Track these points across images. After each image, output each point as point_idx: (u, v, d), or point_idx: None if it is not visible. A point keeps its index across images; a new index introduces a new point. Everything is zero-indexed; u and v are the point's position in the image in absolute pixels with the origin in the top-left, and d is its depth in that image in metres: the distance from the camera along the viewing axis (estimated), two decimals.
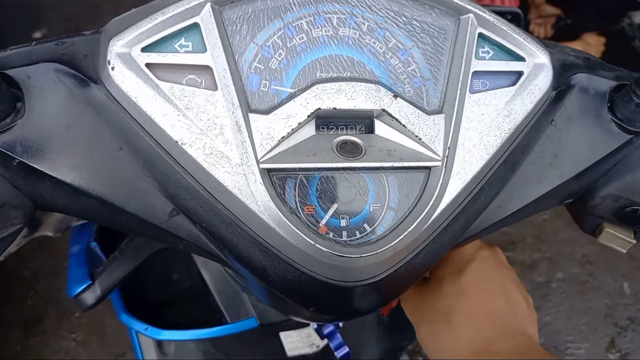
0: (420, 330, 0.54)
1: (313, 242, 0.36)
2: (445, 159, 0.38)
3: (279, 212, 0.35)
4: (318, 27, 0.40)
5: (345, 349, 0.80)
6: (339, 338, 0.82)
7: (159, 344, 0.86)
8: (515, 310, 0.53)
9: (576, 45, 2.52)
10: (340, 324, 0.88)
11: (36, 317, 1.87)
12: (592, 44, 2.51)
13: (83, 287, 0.61)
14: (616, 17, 2.46)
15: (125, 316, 0.72)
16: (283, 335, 0.87)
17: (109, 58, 0.36)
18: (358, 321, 0.99)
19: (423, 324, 0.54)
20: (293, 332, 0.88)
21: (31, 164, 0.35)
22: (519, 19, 0.72)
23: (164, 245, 0.63)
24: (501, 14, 0.68)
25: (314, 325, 0.77)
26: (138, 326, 0.71)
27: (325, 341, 0.83)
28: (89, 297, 0.61)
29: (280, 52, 0.39)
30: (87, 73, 0.37)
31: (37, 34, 2.69)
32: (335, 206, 0.38)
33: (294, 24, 0.40)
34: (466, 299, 0.52)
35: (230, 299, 0.73)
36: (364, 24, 0.41)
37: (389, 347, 1.31)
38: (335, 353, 0.79)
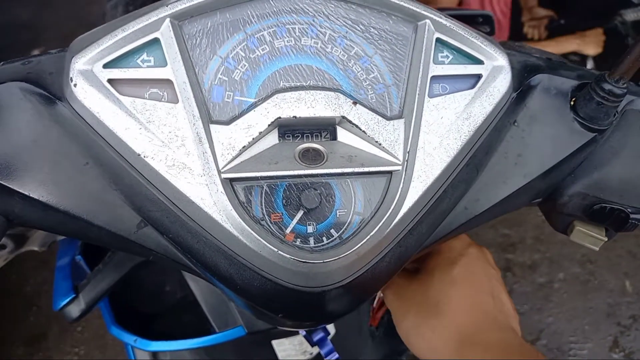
0: (404, 324, 0.53)
1: (276, 250, 0.36)
2: (406, 163, 0.39)
3: (241, 221, 0.36)
4: (280, 38, 0.41)
5: (335, 355, 0.80)
6: (329, 345, 0.82)
7: (155, 357, 0.86)
8: (502, 307, 0.54)
9: (573, 39, 2.51)
10: (331, 332, 0.88)
11: (39, 333, 1.88)
12: (589, 35, 2.51)
13: (67, 300, 0.62)
14: (608, 15, 2.47)
15: (114, 329, 0.73)
16: (275, 343, 0.87)
17: (71, 75, 0.37)
18: (352, 328, 0.99)
19: (410, 316, 0.53)
20: (285, 340, 0.88)
21: (0, 182, 0.36)
22: (491, 22, 0.73)
23: (146, 257, 0.64)
24: (472, 17, 0.70)
25: (302, 332, 0.77)
26: (127, 338, 0.72)
27: (318, 349, 0.83)
28: (74, 310, 0.62)
29: (243, 64, 0.40)
30: (52, 91, 0.38)
31: (36, 52, 2.72)
32: (300, 213, 0.39)
33: (256, 36, 0.41)
34: (457, 288, 0.52)
35: (218, 308, 0.73)
36: (326, 34, 0.42)
37: (387, 352, 1.30)
38: (326, 359, 0.79)
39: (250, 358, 0.89)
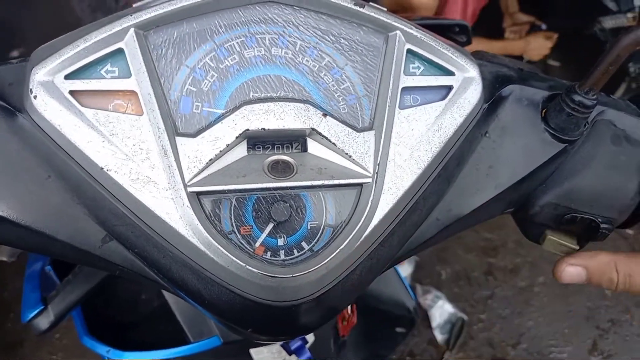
0: None
1: (244, 264, 0.36)
2: (376, 175, 0.39)
3: (208, 235, 0.35)
4: (250, 48, 0.41)
5: None
6: (307, 353, 0.81)
7: None
8: None
9: (520, 42, 2.58)
10: (309, 340, 0.88)
11: (16, 340, 1.84)
12: (535, 39, 2.58)
13: (36, 312, 0.60)
14: (585, 19, 2.52)
15: (87, 339, 0.71)
16: (253, 352, 0.86)
17: (31, 87, 0.36)
18: (330, 335, 0.98)
19: None
20: (264, 349, 0.87)
21: None
22: (467, 32, 0.74)
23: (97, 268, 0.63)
24: (449, 26, 0.70)
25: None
26: (100, 349, 0.70)
27: (296, 357, 0.83)
28: (42, 322, 0.61)
29: (212, 74, 0.40)
30: (11, 102, 0.37)
31: (15, 53, 2.68)
32: (270, 226, 0.38)
33: (225, 45, 0.40)
34: None
35: (193, 318, 0.72)
36: (296, 44, 0.42)
37: (368, 356, 1.30)
38: None
39: None
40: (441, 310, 1.93)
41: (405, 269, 1.95)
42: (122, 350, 0.70)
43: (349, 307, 0.69)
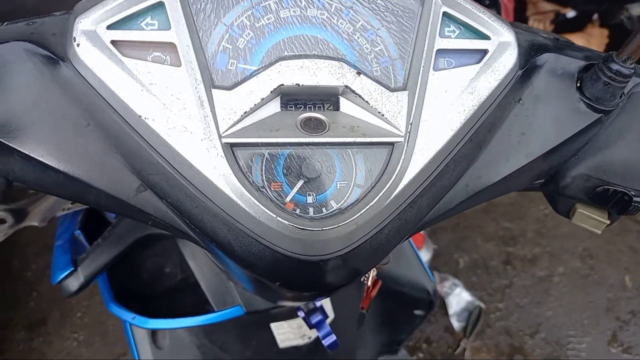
0: None
1: (275, 216, 0.36)
2: (408, 134, 0.39)
3: (241, 186, 0.36)
4: (286, 8, 0.41)
5: (333, 337, 0.80)
6: (327, 327, 0.82)
7: (153, 338, 0.86)
8: None
9: (578, 37, 2.51)
10: (330, 316, 0.88)
11: (39, 318, 1.89)
12: (594, 36, 2.50)
13: (66, 273, 0.62)
14: (614, 10, 2.45)
15: (113, 306, 0.73)
16: (274, 326, 0.87)
17: (74, 35, 0.36)
18: (350, 314, 0.99)
19: None
20: (284, 323, 0.88)
21: (0, 140, 0.36)
22: (497, 4, 0.72)
23: (147, 232, 0.64)
24: None
25: (301, 314, 0.77)
26: (126, 315, 0.72)
27: (317, 333, 0.84)
28: (72, 284, 0.62)
29: (248, 32, 0.40)
30: (55, 51, 0.38)
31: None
32: (300, 183, 0.38)
33: (262, 4, 0.41)
34: None
35: (217, 287, 0.73)
36: (332, 5, 0.42)
37: (386, 341, 1.31)
38: (323, 341, 0.79)
39: (248, 340, 0.90)
40: (458, 298, 1.92)
41: (423, 256, 1.94)
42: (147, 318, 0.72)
43: (370, 277, 0.69)
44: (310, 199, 0.39)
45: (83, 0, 0.40)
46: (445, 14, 0.42)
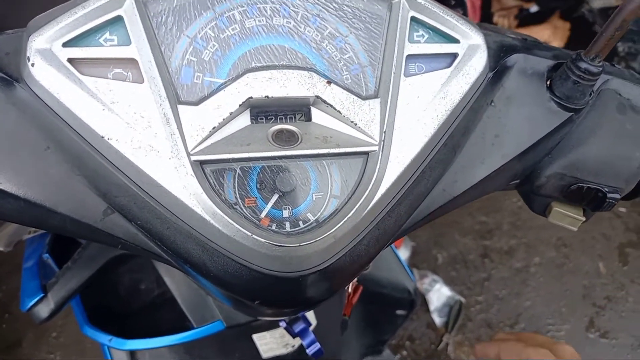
0: None
1: (250, 234, 0.35)
2: (382, 143, 0.38)
3: (212, 205, 0.35)
4: (251, 17, 0.40)
5: (317, 346, 0.79)
6: (310, 335, 0.81)
7: (132, 356, 0.84)
8: None
9: (544, 28, 2.56)
10: (312, 324, 0.87)
11: (14, 340, 1.82)
12: (559, 27, 2.56)
13: (35, 299, 0.59)
14: (578, 2, 2.52)
15: (88, 329, 0.70)
16: (256, 337, 0.86)
17: (28, 54, 0.34)
18: (333, 319, 0.98)
19: None
20: (266, 334, 0.87)
21: None
22: (463, 4, 0.73)
23: (118, 253, 0.62)
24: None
25: (283, 324, 0.76)
26: (102, 338, 0.69)
27: (300, 340, 0.83)
28: (43, 310, 0.60)
29: (213, 44, 0.39)
30: (8, 72, 0.36)
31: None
32: (275, 197, 0.37)
33: (226, 15, 0.39)
34: None
35: (195, 303, 0.72)
36: (298, 13, 0.41)
37: (369, 343, 1.31)
38: (307, 350, 0.78)
39: (231, 353, 0.88)
40: (439, 294, 1.94)
41: (402, 254, 1.95)
42: (125, 339, 0.70)
43: (351, 284, 0.68)
44: (286, 213, 0.37)
45: (37, 17, 0.38)
46: (413, 18, 0.41)
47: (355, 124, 0.38)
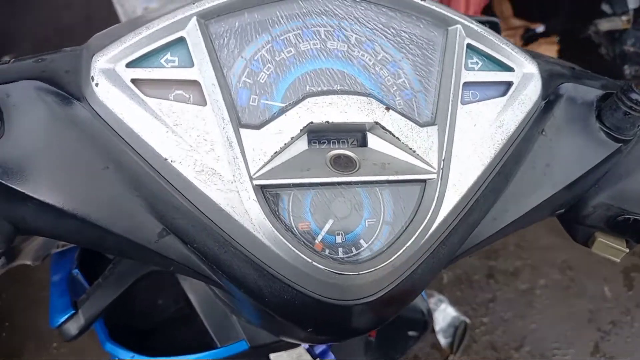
0: None
1: (310, 260, 0.34)
2: (441, 171, 0.38)
3: (274, 230, 0.34)
4: (306, 41, 0.40)
5: None
6: (331, 356, 0.80)
7: None
8: None
9: (536, 47, 2.60)
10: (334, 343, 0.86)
11: (14, 350, 1.79)
12: (544, 48, 2.59)
13: (66, 316, 0.58)
14: (583, 22, 2.55)
15: (110, 345, 0.69)
16: (273, 356, 0.85)
17: (92, 74, 0.34)
18: (355, 341, 0.97)
19: None
20: (284, 353, 0.86)
21: (12, 186, 0.34)
22: (497, 29, 0.73)
23: (149, 270, 0.61)
24: (480, 23, 0.69)
25: (305, 345, 0.75)
26: (124, 355, 0.68)
27: None
28: (73, 327, 0.58)
29: (268, 66, 0.39)
30: (69, 90, 0.36)
31: (6, 58, 2.63)
32: (330, 222, 0.37)
33: (281, 38, 0.39)
34: None
35: (219, 321, 0.70)
36: (352, 37, 0.41)
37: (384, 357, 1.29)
38: None
39: None
40: (444, 314, 1.92)
41: None
42: (146, 356, 0.68)
43: None
44: (339, 239, 0.37)
45: (96, 35, 0.38)
46: (469, 45, 0.41)
47: (414, 151, 0.38)
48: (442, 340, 1.87)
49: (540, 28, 2.80)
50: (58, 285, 0.62)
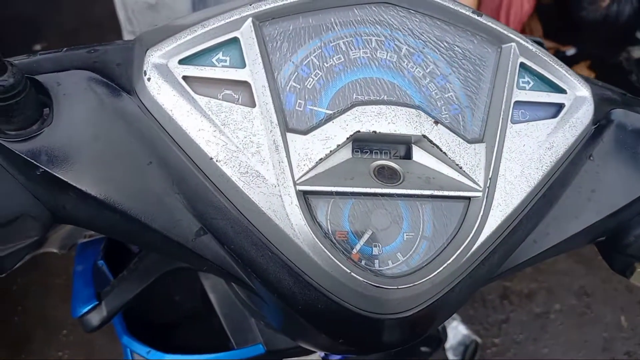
0: None
1: (349, 271, 0.34)
2: (487, 189, 0.37)
3: (314, 237, 0.34)
4: (356, 49, 0.39)
5: None
6: None
7: None
8: None
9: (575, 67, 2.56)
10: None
11: (24, 335, 1.80)
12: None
13: (89, 307, 0.58)
14: (616, 49, 2.51)
15: (127, 338, 0.69)
16: None
17: (145, 68, 0.34)
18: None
19: None
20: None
21: (56, 174, 0.33)
22: (543, 48, 0.72)
23: (174, 266, 0.61)
24: None
25: (321, 353, 0.74)
26: (140, 349, 0.68)
27: None
28: (95, 319, 0.58)
29: (317, 72, 0.38)
30: (119, 82, 0.36)
31: (37, 47, 2.68)
32: (369, 233, 0.36)
33: (332, 44, 0.39)
34: None
35: (237, 323, 0.70)
36: (403, 47, 0.40)
37: None
38: None
39: None
40: (455, 332, 1.89)
41: None
42: (163, 352, 0.68)
43: None
44: (375, 251, 0.36)
45: (148, 30, 0.38)
46: (522, 64, 0.40)
47: (460, 167, 0.37)
48: (452, 358, 1.84)
49: (571, 51, 2.76)
50: (82, 276, 0.62)
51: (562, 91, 0.41)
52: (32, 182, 0.34)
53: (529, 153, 0.39)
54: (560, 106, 0.41)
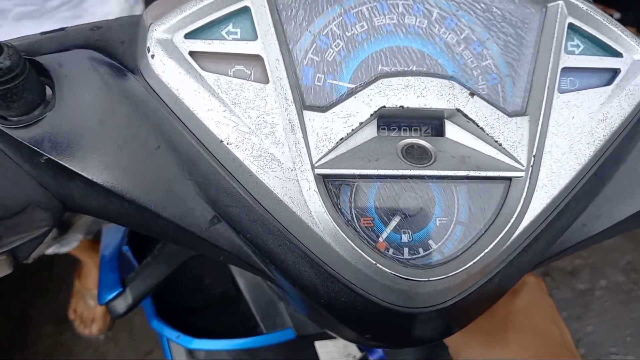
0: (465, 353, 0.51)
1: (374, 262, 0.31)
2: (530, 168, 0.33)
3: (335, 225, 0.31)
4: (381, 15, 0.35)
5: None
6: (378, 351, 0.77)
7: (190, 350, 0.82)
8: (565, 337, 0.50)
9: None
10: None
11: (65, 314, 1.86)
12: None
13: (114, 294, 0.57)
14: None
15: (156, 322, 0.68)
16: (318, 345, 0.83)
17: (148, 45, 0.31)
18: None
19: (472, 345, 0.50)
20: (329, 342, 0.84)
21: (60, 162, 0.31)
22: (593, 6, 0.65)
23: (198, 252, 0.60)
24: None
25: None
26: (170, 333, 0.67)
27: (360, 353, 0.79)
28: (120, 305, 0.58)
29: (337, 42, 0.35)
30: (123, 61, 0.33)
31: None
32: (397, 219, 0.33)
33: (354, 11, 0.35)
34: (522, 317, 0.50)
35: (266, 307, 0.68)
36: (433, 12, 0.36)
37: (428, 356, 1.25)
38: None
39: (290, 358, 0.85)
40: None
41: None
42: (192, 336, 0.67)
43: None
44: (405, 238, 0.33)
45: (154, 3, 0.35)
46: (570, 25, 0.36)
47: (500, 144, 0.33)
48: None
49: (616, 15, 2.60)
50: (108, 261, 0.62)
51: (618, 54, 0.36)
52: (38, 171, 0.32)
53: (579, 126, 0.34)
54: (615, 72, 0.36)
